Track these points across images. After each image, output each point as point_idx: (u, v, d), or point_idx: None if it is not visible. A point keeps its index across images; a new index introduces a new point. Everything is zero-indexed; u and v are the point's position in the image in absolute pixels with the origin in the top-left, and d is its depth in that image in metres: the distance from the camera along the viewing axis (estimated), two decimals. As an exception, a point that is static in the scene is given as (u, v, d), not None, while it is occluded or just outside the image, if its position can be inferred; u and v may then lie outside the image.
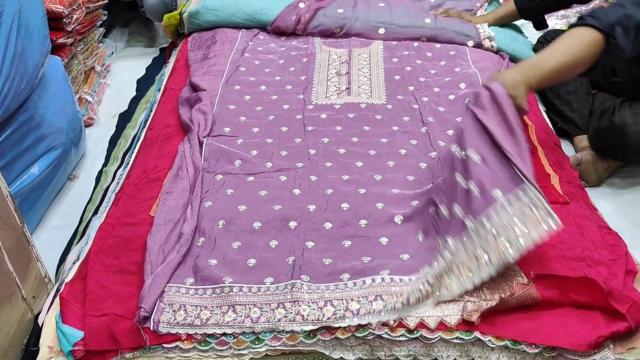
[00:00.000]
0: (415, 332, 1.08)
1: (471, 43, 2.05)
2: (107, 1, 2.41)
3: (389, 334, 1.08)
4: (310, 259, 1.21)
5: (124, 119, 2.27)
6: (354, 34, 2.11)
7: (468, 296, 1.12)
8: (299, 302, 1.12)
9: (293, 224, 1.31)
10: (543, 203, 1.12)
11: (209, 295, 1.15)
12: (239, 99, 1.78)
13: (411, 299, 1.10)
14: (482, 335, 1.08)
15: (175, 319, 1.11)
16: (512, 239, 1.10)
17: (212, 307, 1.13)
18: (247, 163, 1.51)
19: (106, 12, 2.43)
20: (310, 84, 1.87)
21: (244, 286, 1.16)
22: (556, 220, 1.11)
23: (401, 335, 1.08)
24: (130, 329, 1.10)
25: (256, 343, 1.09)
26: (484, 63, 1.95)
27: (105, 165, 2.01)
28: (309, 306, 1.11)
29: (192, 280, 1.18)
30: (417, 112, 1.71)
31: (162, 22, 2.40)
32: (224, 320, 1.11)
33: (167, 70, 2.17)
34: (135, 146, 1.74)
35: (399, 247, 1.25)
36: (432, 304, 1.11)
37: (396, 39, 2.10)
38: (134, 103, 2.37)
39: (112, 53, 2.76)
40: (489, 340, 1.08)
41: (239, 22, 2.19)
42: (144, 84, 2.51)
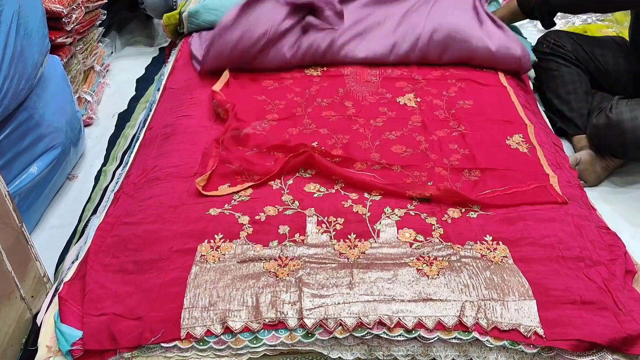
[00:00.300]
0: (414, 332, 1.08)
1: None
2: (106, 1, 2.41)
3: (387, 334, 1.08)
4: None
5: (123, 118, 2.27)
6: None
7: (466, 296, 1.12)
8: None
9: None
10: None
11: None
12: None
13: None
14: (480, 335, 1.08)
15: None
16: None
17: None
18: None
19: (105, 12, 2.43)
20: None
21: None
22: None
23: (399, 335, 1.08)
24: (129, 328, 1.09)
25: (254, 342, 1.09)
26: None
27: (104, 164, 2.01)
28: None
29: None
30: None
31: (161, 20, 2.40)
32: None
33: (167, 69, 2.17)
34: (135, 146, 1.74)
35: None
36: None
37: None
38: (133, 102, 2.38)
39: (112, 52, 2.76)
40: (487, 340, 1.08)
41: (239, 22, 2.19)
42: (143, 84, 2.51)
